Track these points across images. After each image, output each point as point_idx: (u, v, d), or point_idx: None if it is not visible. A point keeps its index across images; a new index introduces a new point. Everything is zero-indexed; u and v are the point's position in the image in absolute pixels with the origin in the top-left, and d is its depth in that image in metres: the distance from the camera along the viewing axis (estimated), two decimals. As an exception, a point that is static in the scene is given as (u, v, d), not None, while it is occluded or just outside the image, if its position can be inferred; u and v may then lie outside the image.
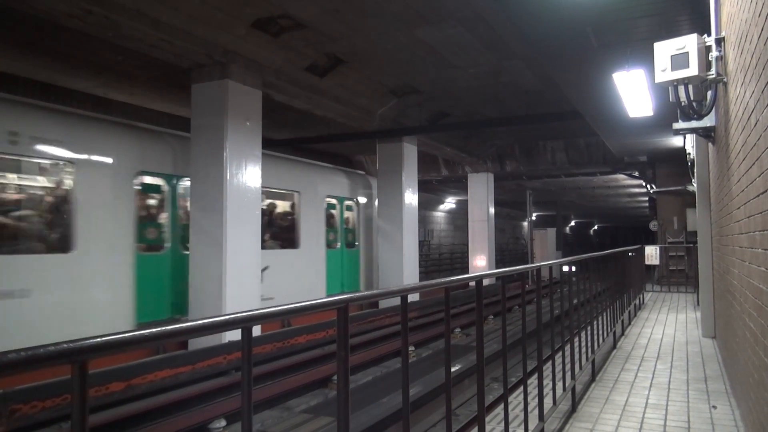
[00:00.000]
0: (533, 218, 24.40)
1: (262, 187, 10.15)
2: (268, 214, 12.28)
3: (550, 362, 4.22)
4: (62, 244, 8.24)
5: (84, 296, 8.31)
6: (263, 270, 10.30)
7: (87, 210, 8.42)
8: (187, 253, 9.66)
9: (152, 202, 9.91)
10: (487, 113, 15.22)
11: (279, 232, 12.89)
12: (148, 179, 9.73)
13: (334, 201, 14.58)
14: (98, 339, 1.02)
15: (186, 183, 10.04)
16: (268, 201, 12.65)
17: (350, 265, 14.89)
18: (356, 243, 15.33)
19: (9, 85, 10.54)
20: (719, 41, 4.60)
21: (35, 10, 7.56)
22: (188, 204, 9.83)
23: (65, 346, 0.96)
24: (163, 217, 9.97)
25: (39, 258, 7.91)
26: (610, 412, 4.68)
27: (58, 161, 8.35)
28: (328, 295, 13.61)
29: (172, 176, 10.03)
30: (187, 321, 1.27)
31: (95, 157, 8.76)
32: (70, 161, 8.38)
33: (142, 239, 9.40)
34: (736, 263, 4.38)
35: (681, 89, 4.91)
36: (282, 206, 13.30)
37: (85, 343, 0.99)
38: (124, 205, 9.07)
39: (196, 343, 8.39)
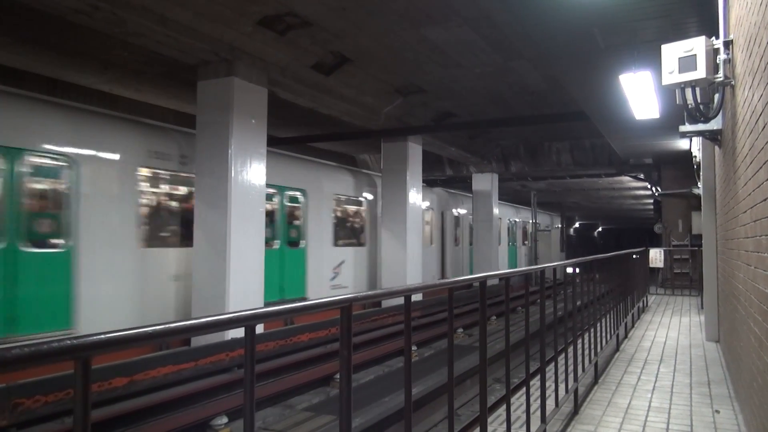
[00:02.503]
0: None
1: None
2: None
3: (552, 364, 4.21)
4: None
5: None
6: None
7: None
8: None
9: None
10: (492, 113, 15.19)
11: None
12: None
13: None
14: (101, 336, 1.02)
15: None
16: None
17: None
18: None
19: (16, 81, 10.57)
20: (727, 44, 4.58)
21: (42, 6, 7.58)
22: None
23: (68, 342, 0.96)
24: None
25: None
26: (612, 414, 4.67)
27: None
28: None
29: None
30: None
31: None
32: None
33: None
34: (741, 267, 4.36)
35: (688, 92, 4.88)
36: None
37: (88, 340, 0.99)
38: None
39: (199, 340, 8.40)
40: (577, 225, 50.29)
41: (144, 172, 9.45)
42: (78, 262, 8.14)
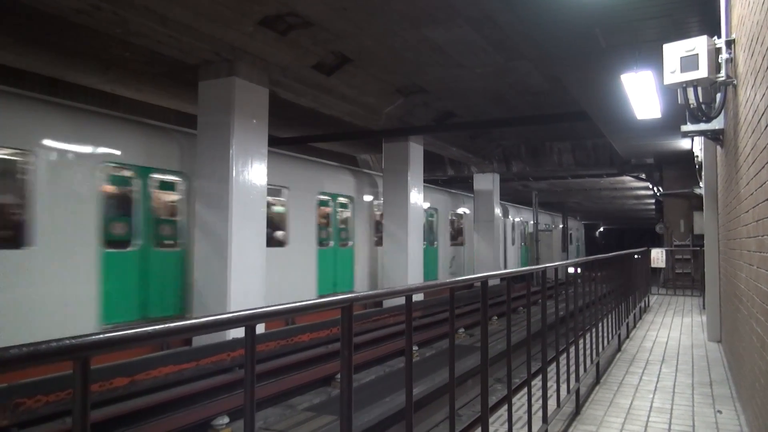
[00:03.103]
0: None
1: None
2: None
3: (554, 364, 4.20)
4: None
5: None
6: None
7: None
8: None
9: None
10: (493, 113, 15.18)
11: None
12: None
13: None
14: (100, 336, 1.02)
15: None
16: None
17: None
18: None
19: (17, 81, 10.58)
20: (729, 43, 4.56)
21: (44, 6, 7.59)
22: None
23: (67, 342, 0.95)
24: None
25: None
26: (614, 415, 4.66)
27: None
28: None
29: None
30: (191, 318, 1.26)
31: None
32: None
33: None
34: (743, 267, 4.35)
35: (690, 91, 4.87)
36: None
37: (87, 340, 0.99)
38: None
39: (200, 340, 8.40)
40: (602, 228, 49.77)
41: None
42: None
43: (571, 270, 5.08)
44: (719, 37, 4.73)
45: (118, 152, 8.77)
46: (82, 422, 0.98)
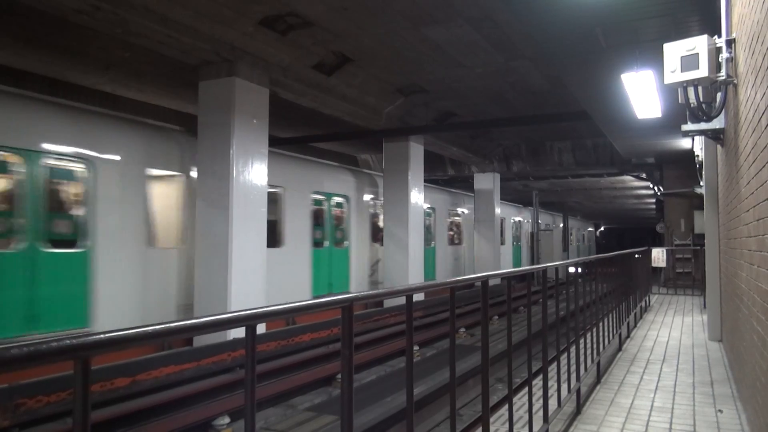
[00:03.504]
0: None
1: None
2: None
3: (555, 363, 4.20)
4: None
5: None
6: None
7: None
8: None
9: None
10: (493, 113, 15.18)
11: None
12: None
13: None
14: (101, 335, 1.02)
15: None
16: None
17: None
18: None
19: (17, 81, 10.59)
20: (730, 42, 4.56)
21: (44, 6, 7.59)
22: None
23: (68, 342, 0.95)
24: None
25: None
26: (615, 414, 4.66)
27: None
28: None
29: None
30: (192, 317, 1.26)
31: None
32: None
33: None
34: (744, 266, 4.34)
35: (690, 90, 4.87)
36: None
37: (88, 340, 0.99)
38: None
39: (201, 340, 8.40)
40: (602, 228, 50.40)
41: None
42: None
43: (571, 270, 5.08)
44: (719, 36, 4.73)
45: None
46: (82, 422, 0.98)
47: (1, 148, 7.36)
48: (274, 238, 11.68)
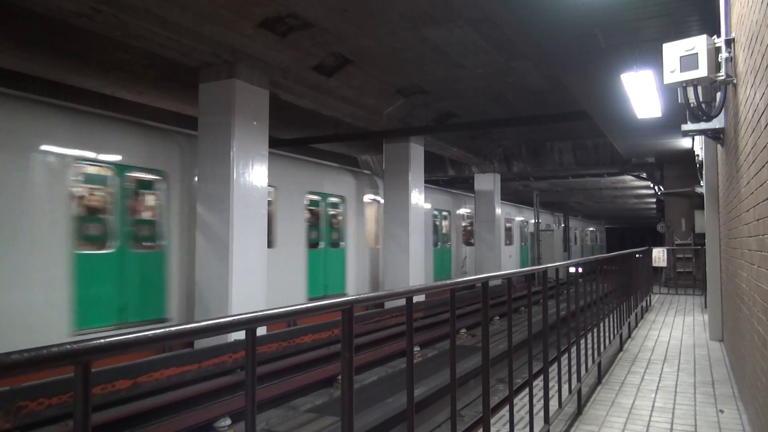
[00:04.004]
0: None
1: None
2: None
3: (555, 364, 4.20)
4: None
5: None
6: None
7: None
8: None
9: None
10: (494, 113, 15.18)
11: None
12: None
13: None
14: (102, 340, 1.02)
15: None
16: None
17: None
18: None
19: (18, 84, 10.61)
20: (729, 42, 4.56)
21: (44, 9, 7.60)
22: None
23: (68, 347, 0.95)
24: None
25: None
26: (616, 415, 4.66)
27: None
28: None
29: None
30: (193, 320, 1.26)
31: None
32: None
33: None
34: (744, 266, 4.34)
35: (690, 90, 4.87)
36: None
37: (89, 344, 0.99)
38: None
39: (202, 342, 8.41)
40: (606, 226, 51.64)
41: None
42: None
43: (572, 270, 5.08)
44: (719, 36, 4.73)
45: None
46: (83, 426, 0.98)
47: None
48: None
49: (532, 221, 26.39)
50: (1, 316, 7.09)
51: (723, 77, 4.59)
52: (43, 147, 7.79)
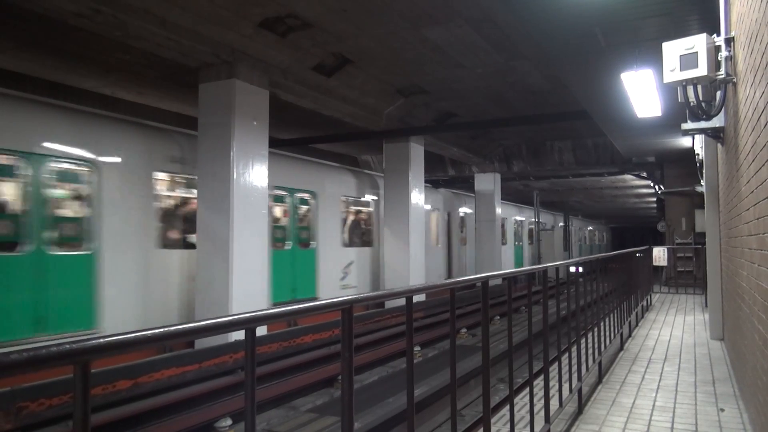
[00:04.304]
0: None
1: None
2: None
3: (556, 363, 4.20)
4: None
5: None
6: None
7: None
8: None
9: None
10: (494, 113, 15.18)
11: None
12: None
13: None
14: (101, 339, 1.02)
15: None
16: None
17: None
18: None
19: (18, 84, 10.61)
20: (729, 41, 4.56)
21: (44, 10, 7.60)
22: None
23: (67, 346, 0.95)
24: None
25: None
26: (616, 414, 4.66)
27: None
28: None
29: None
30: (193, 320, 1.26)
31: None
32: None
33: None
34: (745, 265, 4.34)
35: (690, 89, 4.87)
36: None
37: (88, 344, 0.99)
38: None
39: (203, 342, 8.41)
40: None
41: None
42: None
43: (572, 269, 5.08)
44: (718, 35, 4.72)
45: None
46: (82, 426, 0.98)
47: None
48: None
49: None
50: None
51: (723, 76, 4.59)
52: None
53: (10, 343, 7.03)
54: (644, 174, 20.60)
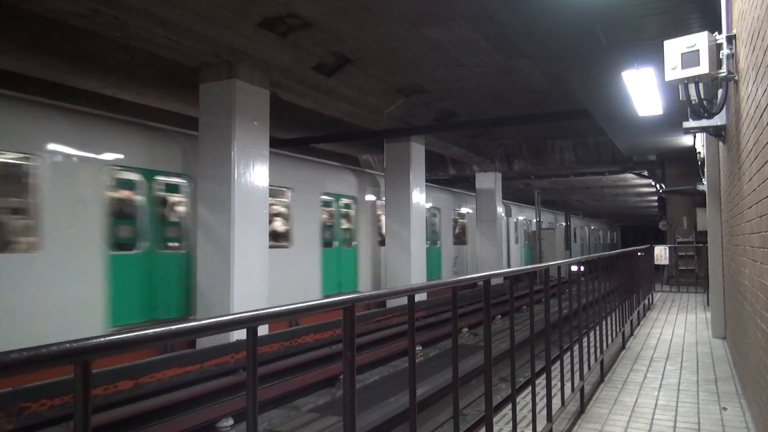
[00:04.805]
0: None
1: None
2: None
3: (558, 362, 4.19)
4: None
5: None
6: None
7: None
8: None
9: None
10: (494, 112, 15.17)
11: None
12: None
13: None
14: (101, 339, 1.01)
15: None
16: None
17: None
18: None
19: (19, 85, 10.61)
20: (730, 39, 4.55)
21: (44, 11, 7.60)
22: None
23: (68, 346, 0.95)
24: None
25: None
26: (619, 413, 4.65)
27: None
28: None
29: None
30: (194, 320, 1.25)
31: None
32: None
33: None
34: (747, 263, 4.33)
35: (691, 87, 4.86)
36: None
37: (88, 343, 0.98)
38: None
39: (204, 342, 8.41)
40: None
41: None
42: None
43: (574, 268, 5.07)
44: (720, 32, 4.71)
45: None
46: (83, 426, 0.98)
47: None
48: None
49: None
50: None
51: (724, 74, 4.58)
52: None
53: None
54: (645, 173, 20.57)
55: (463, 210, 21.17)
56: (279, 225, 12.02)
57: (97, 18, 7.83)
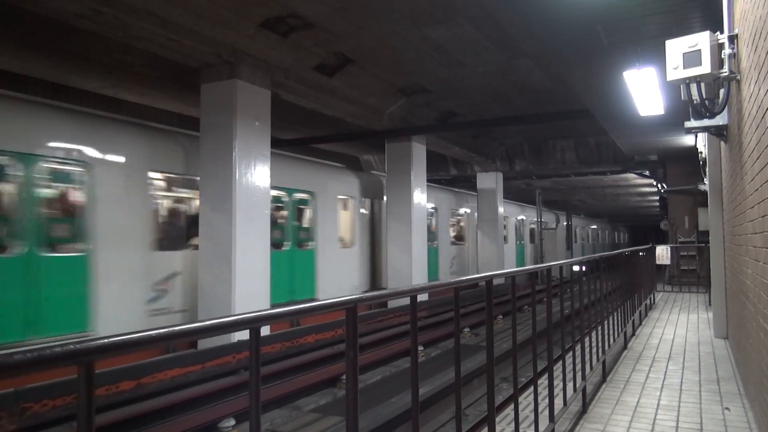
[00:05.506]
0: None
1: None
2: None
3: (560, 362, 4.19)
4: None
5: None
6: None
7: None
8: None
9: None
10: (496, 112, 15.16)
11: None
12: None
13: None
14: (105, 340, 1.01)
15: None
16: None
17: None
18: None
19: (20, 86, 10.62)
20: (732, 38, 4.54)
21: (46, 11, 7.61)
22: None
23: (72, 347, 0.95)
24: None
25: None
26: (621, 413, 4.64)
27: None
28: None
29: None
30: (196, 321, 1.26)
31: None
32: None
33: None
34: (749, 263, 4.32)
35: (693, 87, 4.85)
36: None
37: (92, 344, 0.98)
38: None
39: (206, 343, 8.42)
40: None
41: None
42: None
43: (576, 268, 5.06)
44: (722, 32, 4.71)
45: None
46: (87, 426, 0.98)
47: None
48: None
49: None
50: None
51: (726, 73, 4.57)
52: None
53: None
54: (647, 172, 20.55)
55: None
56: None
57: (99, 18, 7.84)
